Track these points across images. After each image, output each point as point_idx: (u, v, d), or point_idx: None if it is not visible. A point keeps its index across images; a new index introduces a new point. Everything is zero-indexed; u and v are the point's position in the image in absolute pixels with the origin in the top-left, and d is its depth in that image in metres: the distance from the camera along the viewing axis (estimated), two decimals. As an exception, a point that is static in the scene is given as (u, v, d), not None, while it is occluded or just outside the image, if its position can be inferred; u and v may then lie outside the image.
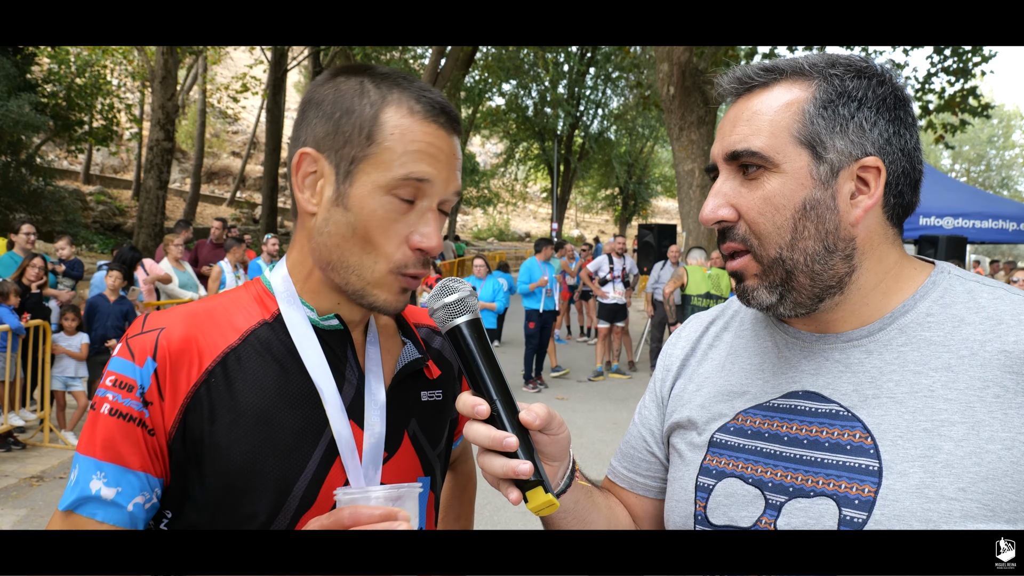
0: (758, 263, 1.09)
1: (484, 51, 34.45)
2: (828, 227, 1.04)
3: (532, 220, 63.63)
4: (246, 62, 34.34)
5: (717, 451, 1.18)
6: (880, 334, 1.07)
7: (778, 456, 1.09)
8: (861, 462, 1.00)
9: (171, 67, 20.60)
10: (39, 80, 22.77)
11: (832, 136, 1.04)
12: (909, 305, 1.07)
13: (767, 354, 1.19)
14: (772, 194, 1.05)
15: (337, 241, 1.14)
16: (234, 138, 50.08)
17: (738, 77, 1.12)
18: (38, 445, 7.61)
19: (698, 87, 13.61)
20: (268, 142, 27.49)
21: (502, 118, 43.20)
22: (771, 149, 1.05)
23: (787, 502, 1.05)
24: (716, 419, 1.20)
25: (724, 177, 1.11)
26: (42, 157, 24.95)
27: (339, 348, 1.21)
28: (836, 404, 1.06)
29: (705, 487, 1.17)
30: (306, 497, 1.13)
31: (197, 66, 30.87)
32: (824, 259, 1.05)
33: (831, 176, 1.04)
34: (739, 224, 1.09)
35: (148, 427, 1.10)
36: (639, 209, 49.60)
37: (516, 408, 1.05)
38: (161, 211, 20.79)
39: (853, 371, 1.07)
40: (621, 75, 41.13)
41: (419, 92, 1.14)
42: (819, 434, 1.06)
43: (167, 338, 1.12)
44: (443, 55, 22.55)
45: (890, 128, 1.05)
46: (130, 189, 34.69)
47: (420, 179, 1.11)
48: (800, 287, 1.07)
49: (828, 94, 1.05)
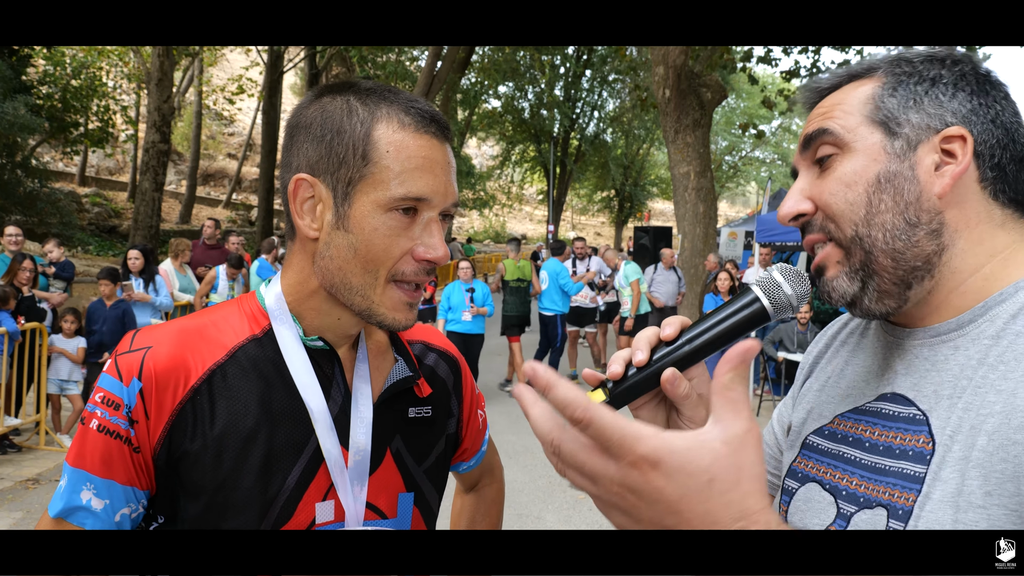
0: (839, 247, 1.02)
1: (480, 53, 34.45)
2: (908, 198, 0.97)
3: (528, 222, 63.67)
4: (242, 64, 34.29)
5: (807, 454, 1.12)
6: (970, 327, 0.96)
7: (856, 463, 1.02)
8: (915, 469, 0.93)
9: (167, 69, 20.55)
10: (35, 82, 22.68)
11: (906, 111, 0.99)
12: (1009, 292, 0.95)
13: (875, 355, 1.11)
14: (843, 173, 1.00)
15: (339, 264, 1.14)
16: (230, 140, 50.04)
17: (810, 87, 1.10)
18: (34, 448, 7.60)
19: (694, 90, 13.62)
20: (264, 144, 27.42)
21: (498, 120, 43.15)
22: (841, 129, 1.01)
23: (856, 513, 0.99)
24: (817, 420, 1.14)
25: (801, 176, 1.08)
26: (37, 159, 24.86)
27: (327, 366, 1.23)
28: (916, 407, 0.97)
29: (789, 490, 1.13)
30: (284, 511, 1.15)
31: (193, 68, 30.85)
32: (906, 234, 0.97)
33: (908, 149, 0.98)
34: (816, 215, 1.04)
35: (134, 445, 1.13)
36: (635, 211, 49.60)
37: (683, 367, 0.96)
38: (157, 213, 20.74)
39: (939, 370, 0.97)
40: (617, 78, 41.15)
41: (407, 104, 1.14)
42: (893, 439, 0.98)
43: (153, 358, 1.14)
44: (439, 57, 22.53)
45: (973, 99, 0.98)
46: (126, 191, 34.63)
47: (419, 197, 1.11)
48: (882, 270, 0.98)
49: (899, 77, 1.01)
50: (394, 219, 1.11)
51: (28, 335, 7.54)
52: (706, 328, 0.97)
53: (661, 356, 0.96)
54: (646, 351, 0.95)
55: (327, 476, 1.18)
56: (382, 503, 1.24)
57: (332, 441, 1.18)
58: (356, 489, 1.19)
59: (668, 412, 1.03)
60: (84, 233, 25.25)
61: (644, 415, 1.04)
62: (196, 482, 1.13)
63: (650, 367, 0.96)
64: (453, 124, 34.76)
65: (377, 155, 1.10)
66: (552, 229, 37.01)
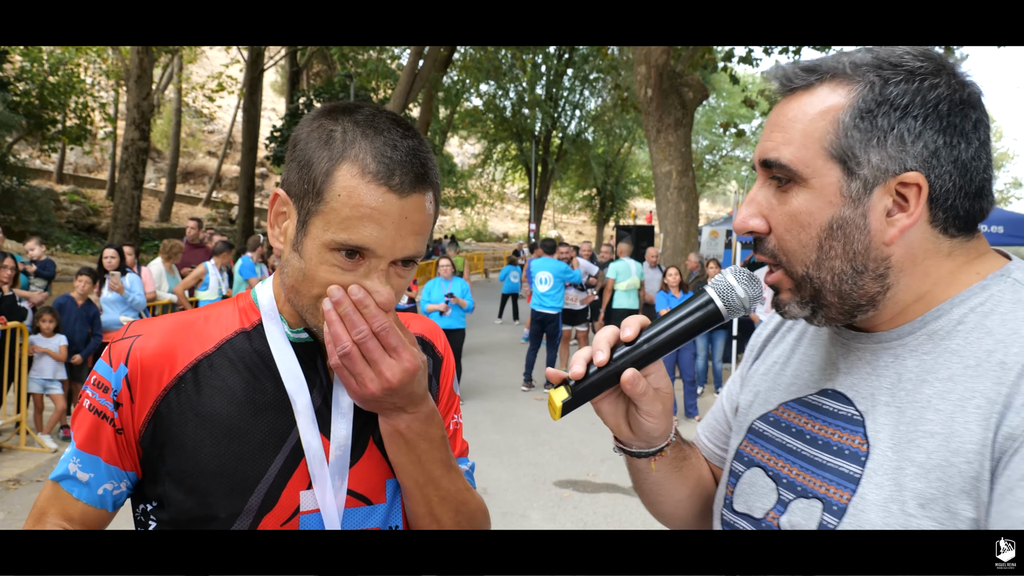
0: (789, 278, 1.05)
1: (462, 51, 34.38)
2: (856, 247, 0.99)
3: (510, 221, 63.65)
4: (222, 61, 34.06)
5: (753, 439, 1.18)
6: (909, 338, 1.02)
7: (796, 453, 1.09)
8: (851, 469, 0.99)
9: (146, 66, 20.40)
10: (11, 78, 22.42)
11: (867, 150, 0.97)
12: (944, 309, 1.00)
13: (820, 348, 1.16)
14: (799, 211, 1.01)
15: (291, 282, 1.18)
16: (210, 138, 49.67)
17: (780, 77, 1.06)
18: (14, 448, 7.52)
19: (675, 90, 13.69)
20: (245, 142, 27.29)
21: (480, 119, 43.16)
22: (800, 162, 1.00)
23: (793, 500, 1.05)
24: (763, 406, 1.20)
25: (759, 184, 1.08)
26: (15, 156, 24.59)
27: (309, 359, 1.26)
28: (854, 408, 1.03)
29: (736, 472, 1.18)
30: (267, 500, 1.18)
31: (172, 65, 30.59)
32: (853, 279, 1.00)
33: (863, 193, 0.98)
34: (769, 238, 1.05)
35: (117, 426, 1.20)
36: (617, 210, 49.73)
37: (641, 366, 1.08)
38: (136, 211, 20.58)
39: (878, 375, 1.03)
40: (599, 77, 41.25)
41: (381, 149, 1.12)
42: (831, 436, 1.04)
43: (140, 346, 1.21)
44: (421, 56, 22.48)
45: (939, 138, 0.96)
46: (104, 189, 34.33)
47: (358, 247, 1.11)
48: (829, 304, 1.03)
49: (868, 102, 0.97)
50: (337, 259, 1.13)
51: (8, 334, 7.46)
52: (663, 328, 1.08)
53: (621, 355, 1.07)
54: (607, 352, 1.06)
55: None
56: (367, 490, 1.26)
57: (313, 433, 1.21)
58: (336, 482, 1.22)
59: (627, 405, 1.15)
60: (63, 231, 25.00)
61: (604, 408, 1.16)
62: (180, 467, 1.18)
63: (611, 366, 1.07)
64: (435, 122, 34.71)
65: (330, 196, 1.11)
66: (534, 228, 37.03)
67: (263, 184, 43.46)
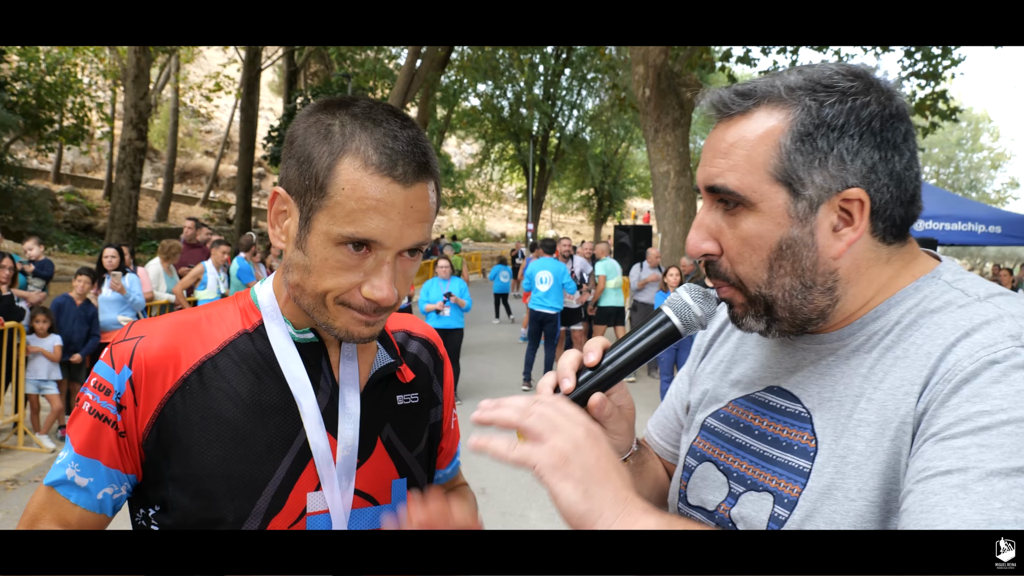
0: (743, 295, 1.10)
1: (460, 52, 34.40)
2: (805, 264, 1.04)
3: (507, 220, 63.65)
4: (219, 61, 34.03)
5: (705, 435, 1.23)
6: (851, 339, 1.08)
7: (745, 448, 1.14)
8: (801, 464, 1.05)
9: (143, 66, 20.36)
10: (8, 78, 22.40)
11: (810, 171, 1.01)
12: (882, 311, 1.06)
13: (764, 345, 1.21)
14: (749, 234, 1.05)
15: (296, 280, 1.18)
16: (207, 137, 49.62)
17: (715, 103, 1.08)
18: (12, 448, 7.51)
19: (673, 89, 13.70)
20: (242, 142, 27.24)
21: (478, 118, 43.14)
22: (747, 188, 1.03)
23: (744, 493, 1.11)
24: (713, 403, 1.25)
25: (707, 207, 1.11)
26: (12, 156, 24.55)
27: (314, 360, 1.26)
28: (801, 405, 1.09)
29: (689, 467, 1.24)
30: (275, 502, 1.18)
31: (170, 65, 30.53)
32: (802, 294, 1.05)
33: (810, 212, 1.02)
34: (722, 260, 1.09)
35: (120, 429, 1.18)
36: (615, 210, 49.74)
37: (606, 388, 1.12)
38: (134, 211, 20.54)
39: (821, 373, 1.09)
40: (596, 76, 41.25)
41: (382, 139, 1.11)
42: (780, 432, 1.10)
43: (144, 348, 1.19)
44: (419, 56, 22.48)
45: (875, 154, 1.01)
46: (101, 189, 34.27)
47: (365, 239, 1.11)
48: (781, 319, 1.08)
49: (806, 125, 1.01)
50: (343, 253, 1.12)
51: (5, 335, 7.45)
52: (624, 349, 1.12)
53: (585, 379, 1.11)
54: (572, 378, 1.10)
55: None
56: (374, 490, 1.27)
57: (320, 435, 1.21)
58: (343, 483, 1.23)
59: None
60: (60, 231, 24.97)
61: None
62: (186, 470, 1.17)
63: (577, 390, 1.10)
64: (432, 122, 34.68)
65: (334, 190, 1.10)
66: (532, 227, 37.04)
67: (260, 184, 43.41)
